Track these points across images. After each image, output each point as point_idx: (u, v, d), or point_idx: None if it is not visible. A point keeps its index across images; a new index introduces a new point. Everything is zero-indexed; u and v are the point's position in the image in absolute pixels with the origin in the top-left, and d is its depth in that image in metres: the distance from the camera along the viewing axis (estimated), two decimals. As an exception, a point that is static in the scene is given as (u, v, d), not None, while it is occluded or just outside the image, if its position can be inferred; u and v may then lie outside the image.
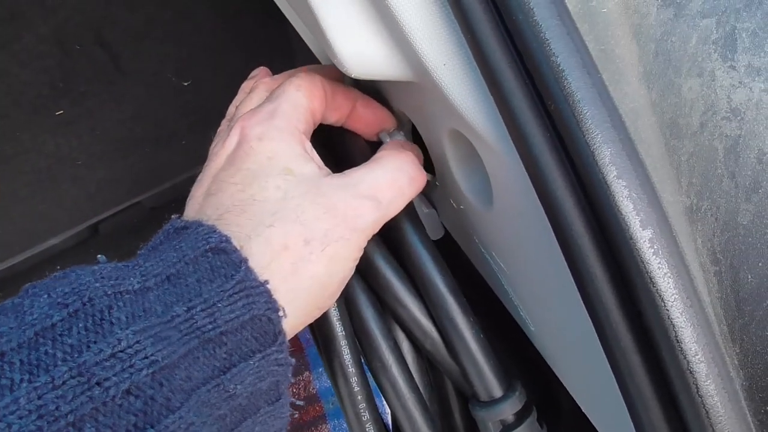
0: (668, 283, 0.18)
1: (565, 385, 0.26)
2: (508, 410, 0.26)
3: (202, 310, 0.19)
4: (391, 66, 0.24)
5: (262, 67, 0.32)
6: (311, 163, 0.24)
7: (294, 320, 0.21)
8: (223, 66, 0.78)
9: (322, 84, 0.27)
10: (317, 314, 0.23)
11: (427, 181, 0.32)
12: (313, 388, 0.75)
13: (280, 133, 0.24)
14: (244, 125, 0.25)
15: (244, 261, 0.20)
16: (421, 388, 0.27)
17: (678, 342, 0.18)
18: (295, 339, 0.78)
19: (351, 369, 0.26)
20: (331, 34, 0.23)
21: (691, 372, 0.18)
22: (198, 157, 0.28)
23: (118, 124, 0.79)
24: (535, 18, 0.19)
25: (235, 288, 0.19)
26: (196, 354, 0.18)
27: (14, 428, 0.15)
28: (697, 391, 0.18)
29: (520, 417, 0.26)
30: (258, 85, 0.29)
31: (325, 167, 0.25)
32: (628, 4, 0.21)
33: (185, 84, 0.75)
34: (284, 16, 0.36)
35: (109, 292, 0.18)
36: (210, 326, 0.19)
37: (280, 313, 0.20)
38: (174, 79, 0.76)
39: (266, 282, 0.20)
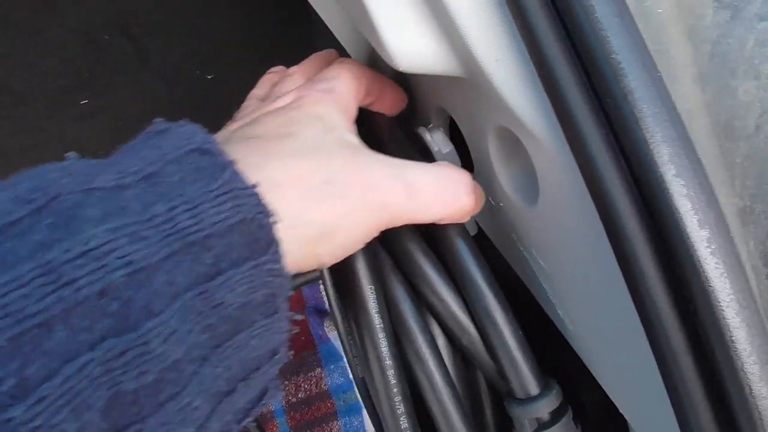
0: (725, 283, 0.18)
1: (601, 383, 0.26)
2: (545, 408, 0.26)
3: (186, 211, 0.17)
4: (441, 61, 0.24)
5: (280, 66, 0.33)
6: (357, 137, 0.24)
7: (287, 258, 0.19)
8: (245, 61, 0.78)
9: (365, 76, 0.28)
10: (313, 263, 0.21)
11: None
12: (325, 385, 0.75)
13: (335, 105, 0.24)
14: (302, 92, 0.24)
15: (231, 163, 0.18)
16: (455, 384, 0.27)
17: (733, 342, 0.18)
18: (308, 335, 0.78)
19: (388, 362, 0.26)
20: (382, 28, 0.23)
21: (745, 373, 0.18)
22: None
23: (141, 116, 0.80)
24: (595, 15, 0.19)
25: (222, 189, 0.17)
26: (179, 257, 0.16)
27: None
28: (751, 393, 0.18)
29: (556, 416, 0.26)
30: (293, 71, 0.30)
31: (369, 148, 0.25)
32: (684, 5, 0.21)
33: (209, 77, 0.76)
34: (307, 13, 0.36)
35: (79, 189, 0.16)
36: (194, 228, 0.17)
37: (273, 219, 0.18)
38: (198, 72, 0.77)
39: (255, 185, 0.18)
